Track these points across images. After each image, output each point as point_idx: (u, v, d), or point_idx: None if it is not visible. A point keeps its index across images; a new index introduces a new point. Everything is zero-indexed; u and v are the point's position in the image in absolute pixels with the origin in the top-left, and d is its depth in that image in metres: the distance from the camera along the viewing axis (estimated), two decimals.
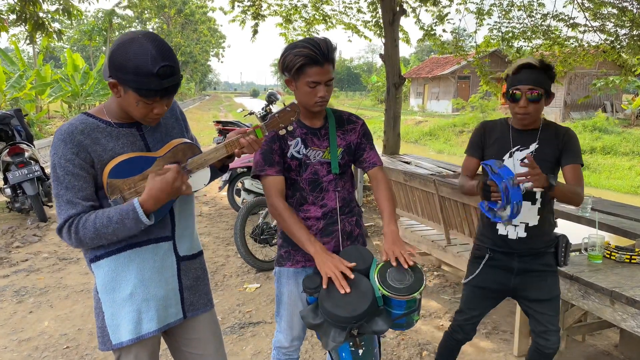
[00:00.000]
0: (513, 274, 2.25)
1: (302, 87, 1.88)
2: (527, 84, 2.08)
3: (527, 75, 2.09)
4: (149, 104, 1.50)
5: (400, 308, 1.78)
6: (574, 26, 7.96)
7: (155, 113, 1.53)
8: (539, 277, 2.23)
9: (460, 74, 31.49)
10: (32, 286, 4.24)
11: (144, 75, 1.42)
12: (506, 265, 2.26)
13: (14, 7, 7.77)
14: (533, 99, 2.08)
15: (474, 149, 2.31)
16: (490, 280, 2.30)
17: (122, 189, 1.54)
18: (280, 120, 1.72)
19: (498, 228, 2.25)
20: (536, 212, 2.20)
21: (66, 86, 17.56)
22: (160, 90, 1.46)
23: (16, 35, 18.03)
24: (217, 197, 7.96)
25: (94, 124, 1.56)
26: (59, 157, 1.50)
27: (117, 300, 1.61)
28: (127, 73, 1.42)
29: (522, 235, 2.20)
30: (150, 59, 1.41)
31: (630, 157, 15.15)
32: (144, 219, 1.51)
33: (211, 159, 1.64)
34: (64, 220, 1.50)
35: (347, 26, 10.08)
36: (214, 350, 1.83)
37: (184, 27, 49.36)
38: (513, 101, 2.13)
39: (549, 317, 2.22)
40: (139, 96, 1.46)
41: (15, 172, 5.97)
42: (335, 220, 2.03)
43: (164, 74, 1.43)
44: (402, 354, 3.16)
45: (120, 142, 1.58)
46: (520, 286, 2.26)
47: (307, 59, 1.82)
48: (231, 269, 4.71)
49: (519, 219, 2.18)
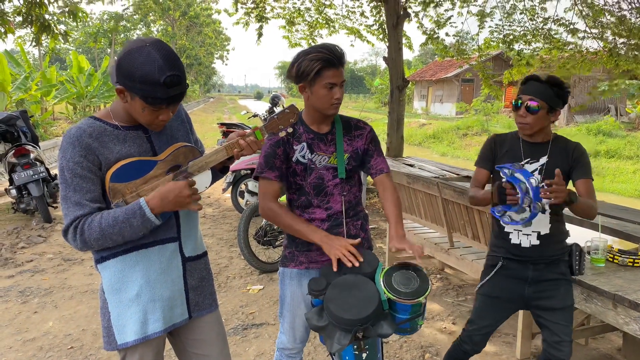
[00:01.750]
0: (527, 282, 2.25)
1: (319, 90, 1.90)
2: (528, 94, 2.15)
3: (531, 86, 2.17)
4: (155, 111, 1.53)
5: (405, 312, 1.80)
6: (574, 32, 7.98)
7: (161, 119, 1.57)
8: (552, 285, 2.24)
9: (464, 77, 31.46)
10: (36, 287, 4.26)
11: (151, 84, 1.44)
12: (520, 275, 2.26)
13: (20, 9, 7.83)
14: (531, 110, 2.14)
15: (485, 161, 2.33)
16: (503, 290, 2.29)
17: (124, 192, 1.56)
18: (279, 122, 1.75)
19: (511, 237, 2.26)
20: (547, 221, 2.22)
21: (71, 88, 17.65)
22: (166, 98, 1.48)
23: (22, 37, 18.15)
24: (221, 198, 7.98)
25: (101, 127, 1.58)
26: (67, 160, 1.52)
27: (123, 301, 1.62)
28: (134, 81, 1.45)
29: (535, 243, 2.22)
30: (157, 69, 1.44)
31: (634, 160, 15.09)
32: (151, 216, 1.53)
33: (212, 162, 1.66)
34: (71, 221, 1.52)
35: (350, 31, 10.09)
36: (218, 351, 1.85)
37: (188, 30, 49.51)
38: (514, 110, 2.20)
39: (562, 327, 2.21)
40: (146, 104, 1.49)
41: (21, 173, 6.00)
42: (340, 222, 2.04)
43: (170, 82, 1.46)
44: (405, 357, 3.16)
45: (127, 144, 1.60)
46: (533, 295, 2.25)
47: (325, 62, 1.87)
48: (234, 270, 4.73)
49: (531, 228, 2.22)
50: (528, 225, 2.21)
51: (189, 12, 46.85)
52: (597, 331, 3.13)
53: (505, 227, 2.28)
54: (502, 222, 2.23)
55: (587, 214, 2.16)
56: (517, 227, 2.23)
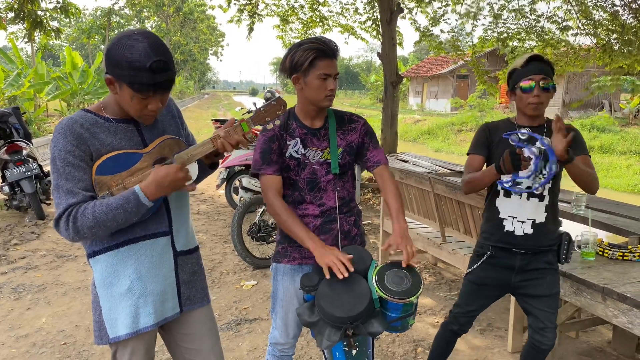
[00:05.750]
0: (514, 271, 2.26)
1: (313, 81, 1.90)
2: (540, 74, 2.12)
3: (538, 66, 2.14)
4: (143, 99, 1.52)
5: (397, 311, 1.80)
6: (567, 29, 8.01)
7: (150, 109, 1.56)
8: (539, 274, 2.25)
9: (458, 73, 31.49)
10: (29, 283, 4.26)
11: (137, 69, 1.46)
12: (508, 264, 2.27)
13: (12, 5, 7.77)
14: (546, 87, 2.12)
15: (480, 147, 2.29)
16: (490, 278, 2.31)
17: (109, 185, 1.57)
18: (266, 114, 1.72)
19: (505, 224, 2.25)
20: (543, 209, 2.21)
21: (64, 85, 17.52)
22: (153, 85, 1.49)
23: (15, 33, 18.01)
24: (215, 195, 7.97)
25: (93, 119, 1.59)
26: (58, 149, 1.53)
27: (114, 295, 1.63)
28: (122, 68, 1.46)
29: (528, 232, 2.21)
30: (143, 54, 1.45)
31: (627, 156, 15.20)
32: (144, 200, 1.52)
33: (197, 154, 1.64)
34: (64, 209, 1.51)
35: (344, 28, 10.08)
36: (210, 346, 1.85)
37: (182, 26, 49.23)
38: (525, 92, 2.15)
39: (547, 314, 2.23)
40: (133, 91, 1.49)
41: (13, 170, 5.98)
42: (334, 218, 2.04)
43: (157, 68, 1.47)
44: (397, 351, 3.18)
45: (118, 137, 1.61)
46: (520, 283, 2.27)
47: (318, 52, 1.87)
48: (228, 266, 4.73)
49: (526, 216, 2.21)
50: (541, 190, 2.18)
51: (183, 8, 46.60)
52: (587, 324, 3.16)
53: (500, 213, 2.25)
54: (514, 192, 2.19)
55: (587, 181, 2.11)
56: (526, 188, 2.18)
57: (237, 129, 1.65)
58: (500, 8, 8.40)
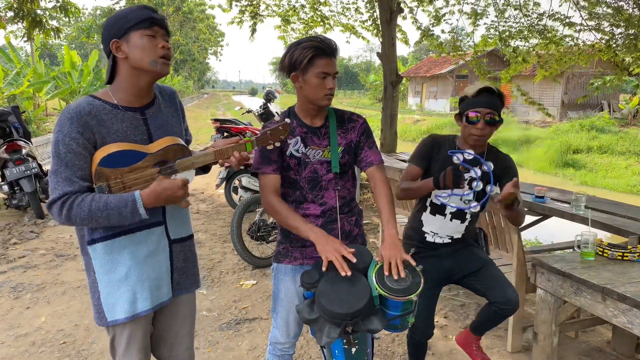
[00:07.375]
0: (443, 257, 2.38)
1: (312, 79, 1.90)
2: (487, 107, 2.15)
3: (487, 98, 2.17)
4: (152, 38, 1.61)
5: (396, 309, 1.80)
6: (570, 25, 7.98)
7: (161, 47, 1.63)
8: (467, 252, 2.38)
9: (458, 73, 31.49)
10: (29, 282, 4.25)
11: (137, 10, 1.61)
12: (434, 254, 2.39)
13: (11, 4, 7.76)
14: (490, 122, 2.17)
15: (421, 160, 2.35)
16: (424, 271, 2.36)
17: (108, 177, 1.60)
18: (271, 137, 1.80)
19: (426, 236, 2.39)
20: (463, 229, 2.35)
21: (63, 84, 17.50)
22: (154, 19, 1.61)
23: (14, 32, 18.00)
24: (215, 194, 7.97)
25: (101, 105, 1.62)
26: (63, 134, 1.55)
27: (113, 281, 1.69)
28: (123, 18, 1.59)
29: (447, 242, 2.38)
30: (136, 7, 1.63)
31: (626, 156, 15.20)
32: (141, 210, 1.58)
33: (198, 163, 1.73)
34: (59, 196, 1.55)
35: (345, 27, 10.07)
36: (186, 330, 1.95)
37: (182, 25, 49.19)
38: (470, 123, 2.19)
39: (495, 279, 2.29)
40: (141, 30, 1.59)
41: (13, 169, 5.98)
42: (335, 218, 2.04)
43: (150, 8, 1.63)
44: (397, 350, 3.18)
45: (125, 125, 1.65)
46: (455, 266, 2.37)
47: (317, 50, 1.88)
48: (228, 265, 4.73)
49: (446, 234, 2.35)
50: (475, 210, 2.32)
51: (183, 7, 46.56)
52: (586, 324, 3.16)
53: (423, 226, 2.38)
54: (449, 207, 2.29)
55: (518, 220, 2.25)
56: (460, 206, 2.29)
57: (242, 148, 1.75)
58: (504, 3, 8.37)
